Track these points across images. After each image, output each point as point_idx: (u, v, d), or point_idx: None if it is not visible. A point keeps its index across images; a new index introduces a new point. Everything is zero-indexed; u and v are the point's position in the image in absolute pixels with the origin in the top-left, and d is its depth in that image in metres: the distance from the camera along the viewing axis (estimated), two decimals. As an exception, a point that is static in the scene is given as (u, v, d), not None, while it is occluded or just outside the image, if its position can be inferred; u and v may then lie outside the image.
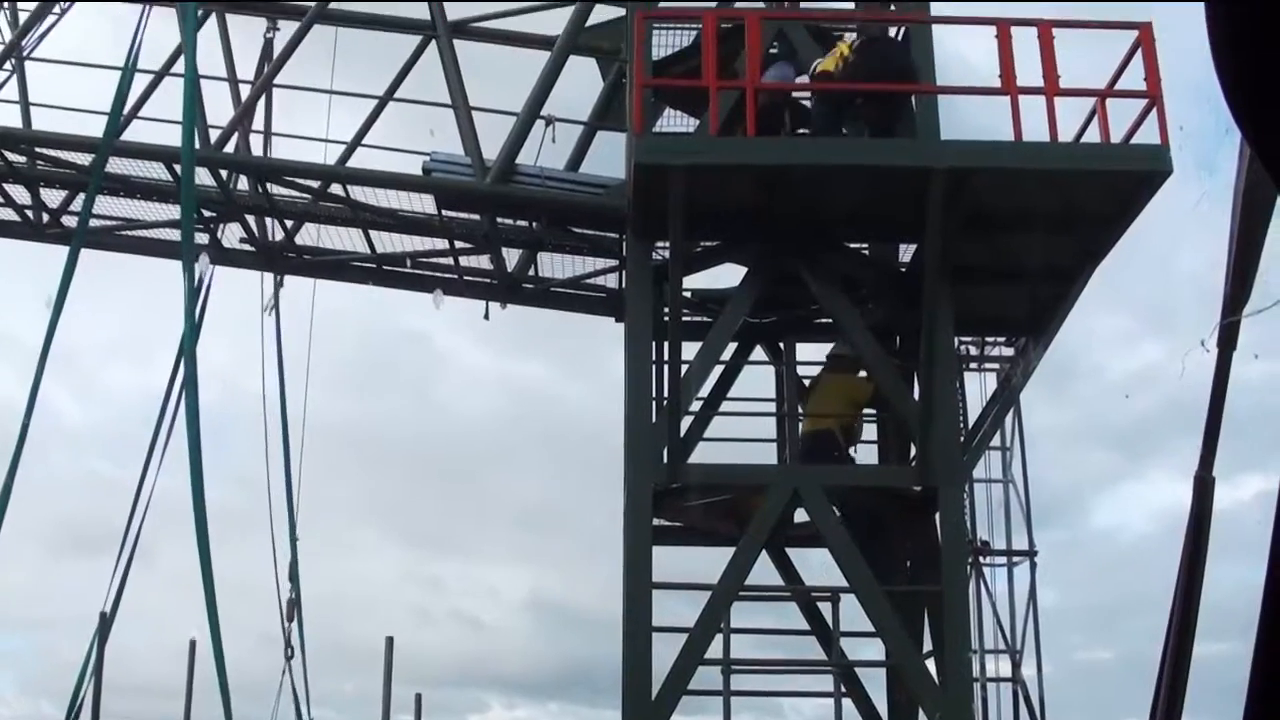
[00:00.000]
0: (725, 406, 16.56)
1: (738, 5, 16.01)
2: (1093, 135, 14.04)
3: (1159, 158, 13.41)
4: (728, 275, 15.94)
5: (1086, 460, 43.53)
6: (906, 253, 15.82)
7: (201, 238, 18.08)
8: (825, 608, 14.77)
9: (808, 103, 15.83)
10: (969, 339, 18.74)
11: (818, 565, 15.76)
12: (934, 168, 13.38)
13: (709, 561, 15.04)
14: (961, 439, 15.71)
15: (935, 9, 15.64)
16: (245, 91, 17.94)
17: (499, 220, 16.87)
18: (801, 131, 15.55)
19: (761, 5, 17.09)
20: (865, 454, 16.09)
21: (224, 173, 17.26)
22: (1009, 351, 18.39)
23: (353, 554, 45.05)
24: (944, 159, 13.55)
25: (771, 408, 16.87)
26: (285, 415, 20.33)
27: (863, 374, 15.52)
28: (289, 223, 18.20)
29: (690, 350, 14.43)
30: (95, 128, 16.67)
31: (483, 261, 18.00)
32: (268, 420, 20.22)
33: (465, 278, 18.09)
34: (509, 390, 50.15)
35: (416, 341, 47.14)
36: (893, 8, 15.73)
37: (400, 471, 48.96)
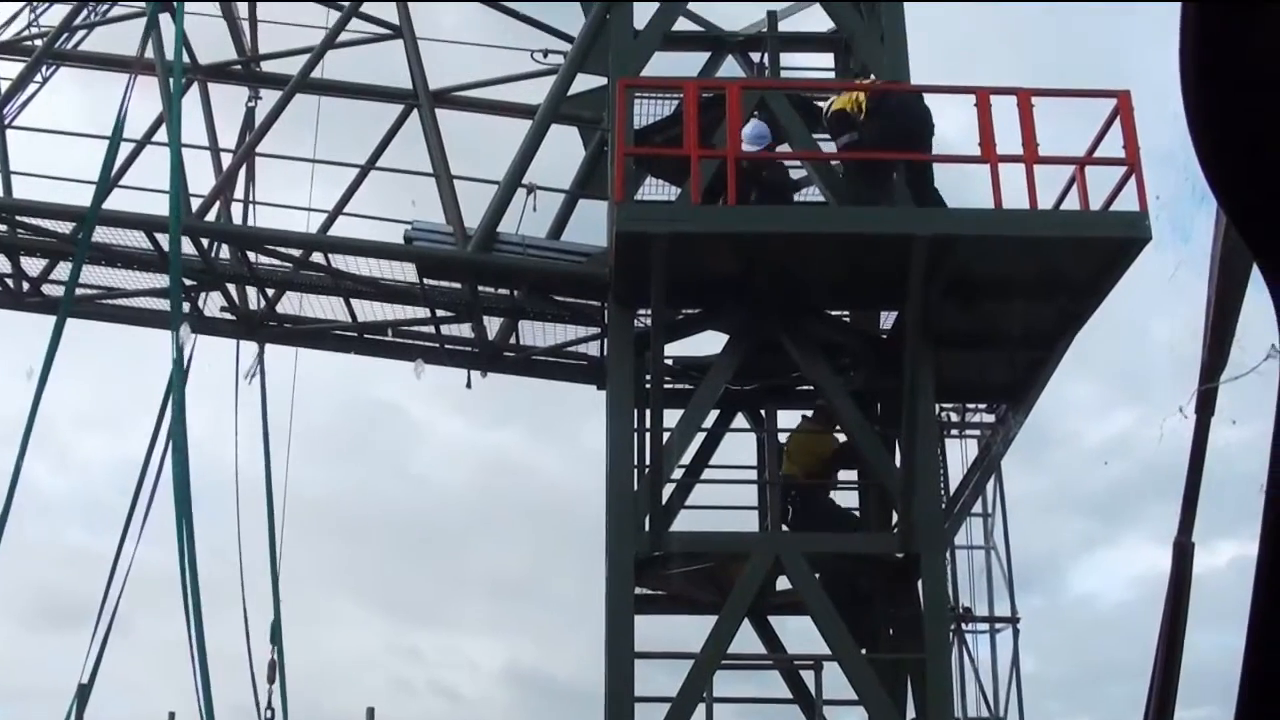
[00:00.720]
0: (707, 474, 16.57)
1: (718, 76, 16.08)
2: (1072, 202, 14.13)
3: (1138, 224, 13.48)
4: (709, 342, 15.98)
5: (1063, 527, 43.59)
6: (888, 320, 15.86)
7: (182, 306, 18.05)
8: (808, 675, 14.73)
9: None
10: (950, 405, 18.75)
11: (799, 633, 15.73)
12: (915, 235, 13.43)
13: (691, 630, 15.00)
14: (943, 505, 15.72)
15: (914, 78, 15.72)
16: (227, 160, 17.99)
17: (480, 288, 16.88)
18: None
19: (741, 75, 17.22)
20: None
21: (205, 241, 17.25)
22: (990, 418, 18.40)
23: (331, 624, 44.78)
24: (926, 226, 13.61)
25: (753, 475, 16.86)
26: (270, 482, 20.21)
27: (839, 434, 15.56)
28: (270, 291, 18.18)
29: (672, 418, 14.44)
30: (74, 196, 16.68)
31: (464, 330, 17.99)
32: (240, 485, 20.11)
33: (446, 346, 18.08)
34: (485, 459, 50.10)
35: (391, 411, 47.11)
36: (873, 76, 15.82)
37: (378, 541, 48.78)
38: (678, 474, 15.28)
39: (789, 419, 16.71)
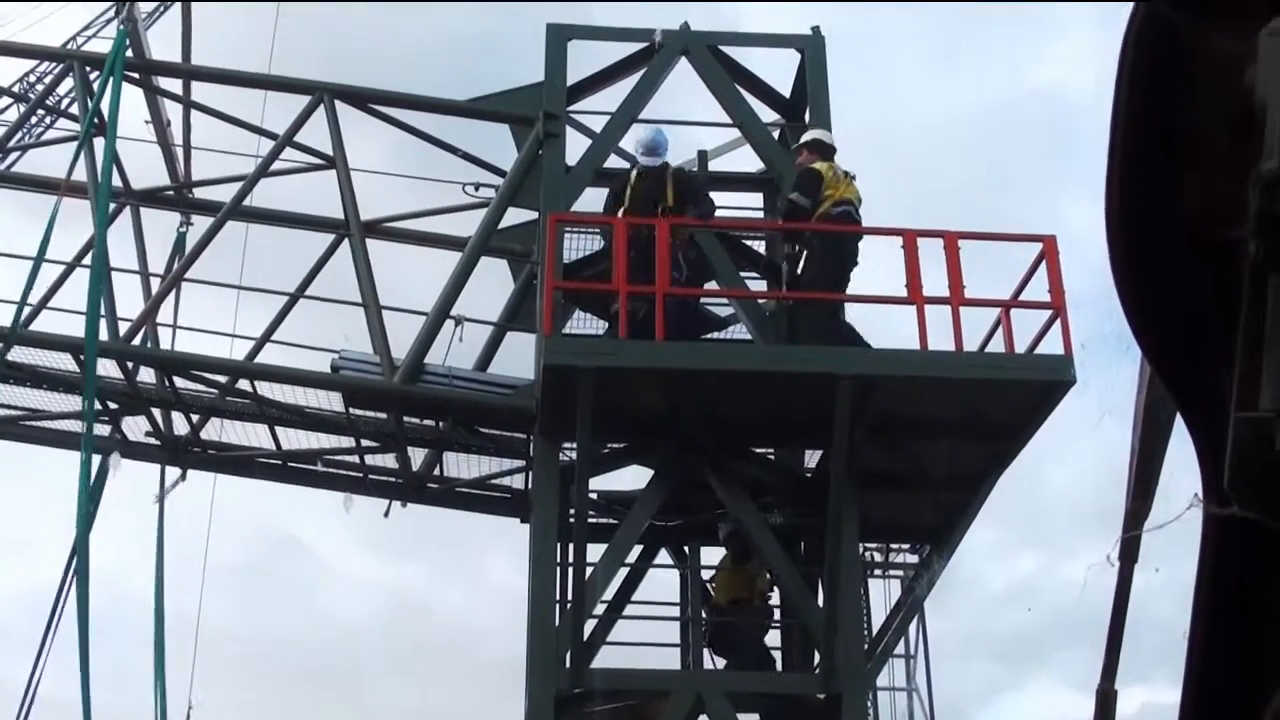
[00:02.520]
0: (630, 610, 16.48)
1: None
2: (998, 344, 14.27)
3: (1062, 368, 13.63)
4: (635, 477, 15.97)
5: (970, 672, 43.56)
6: (812, 458, 15.91)
7: (103, 430, 17.90)
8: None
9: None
10: (874, 545, 18.76)
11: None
12: (840, 375, 13.51)
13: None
14: (866, 646, 15.68)
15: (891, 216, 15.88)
16: (155, 284, 17.93)
17: (406, 419, 16.82)
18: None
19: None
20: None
21: (130, 364, 17.14)
22: (913, 559, 18.42)
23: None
24: (850, 366, 13.70)
25: (676, 611, 16.80)
26: (160, 612, 19.70)
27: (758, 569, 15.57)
28: (195, 417, 18.04)
29: (595, 552, 14.38)
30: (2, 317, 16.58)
31: (388, 460, 17.91)
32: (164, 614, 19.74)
33: (370, 476, 17.98)
34: (390, 594, 49.63)
35: (296, 543, 46.71)
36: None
37: (282, 677, 48.05)
38: (600, 609, 15.20)
39: (713, 555, 16.71)
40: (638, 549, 15.95)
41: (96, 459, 16.91)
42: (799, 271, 15.47)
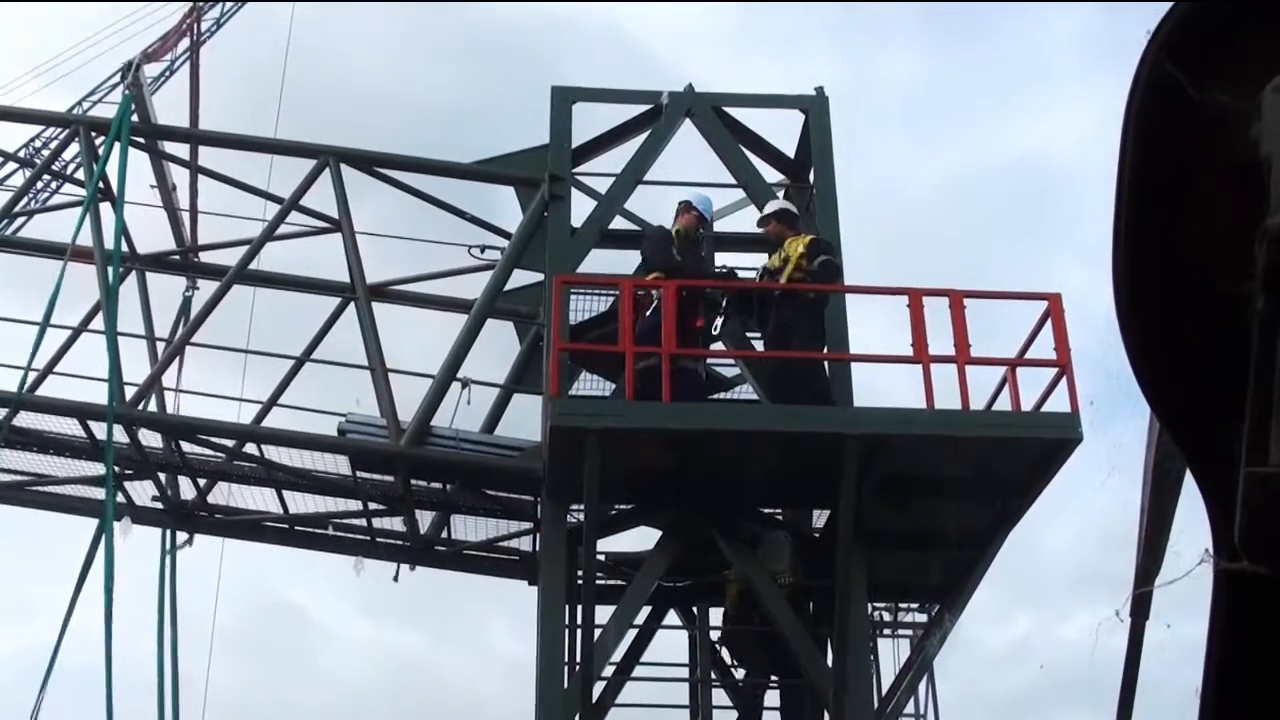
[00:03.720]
0: (639, 671, 16.40)
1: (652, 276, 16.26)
2: (1004, 402, 14.27)
3: (1069, 425, 13.62)
4: (643, 538, 15.93)
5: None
6: (820, 517, 15.88)
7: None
8: None
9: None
10: (882, 604, 18.71)
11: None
12: (847, 434, 13.51)
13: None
14: (875, 706, 15.60)
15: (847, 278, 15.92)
16: (161, 349, 17.96)
17: (413, 482, 16.80)
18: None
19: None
20: None
21: (136, 429, 17.14)
22: (923, 618, 18.36)
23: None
24: (857, 426, 13.70)
25: (685, 673, 16.72)
26: (162, 676, 19.55)
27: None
28: (202, 481, 18.03)
29: (604, 614, 14.34)
30: (8, 382, 16.60)
31: (395, 523, 17.87)
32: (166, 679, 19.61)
33: (378, 539, 17.94)
34: (389, 658, 49.43)
35: (295, 610, 46.53)
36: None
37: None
38: (609, 671, 15.14)
39: (721, 617, 16.63)
40: (646, 610, 15.89)
41: (94, 524, 16.94)
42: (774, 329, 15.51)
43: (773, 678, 15.98)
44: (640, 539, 16.02)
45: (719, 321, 15.80)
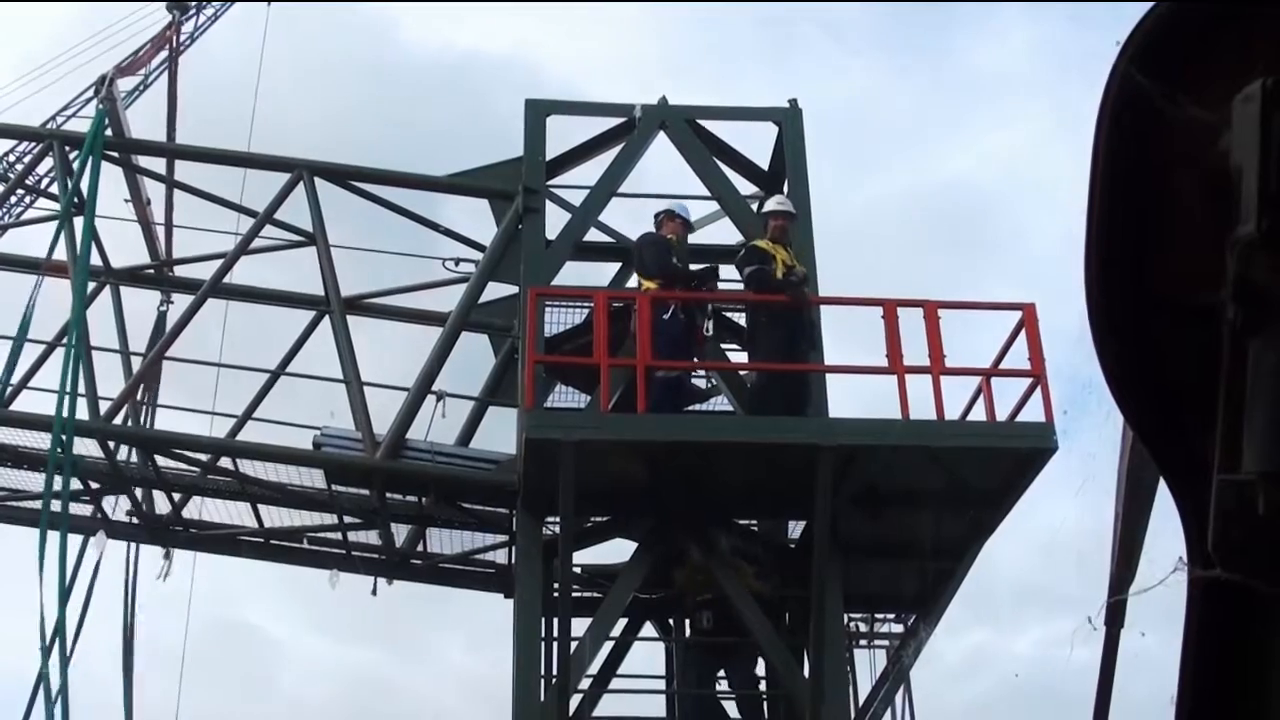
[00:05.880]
0: (615, 684, 16.38)
1: (629, 286, 16.27)
2: (979, 413, 14.31)
3: (1043, 435, 13.67)
4: (618, 550, 15.93)
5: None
6: (796, 528, 15.89)
7: (84, 509, 17.83)
8: None
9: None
10: (859, 615, 18.73)
11: None
12: (822, 445, 13.52)
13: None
14: (852, 716, 15.60)
15: (823, 289, 15.95)
16: (136, 363, 17.91)
17: (388, 495, 16.77)
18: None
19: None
20: None
21: (111, 444, 17.08)
22: (899, 628, 18.39)
23: None
24: (832, 437, 13.71)
25: (662, 685, 16.70)
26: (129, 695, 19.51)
27: None
28: (176, 495, 17.97)
29: (580, 626, 14.33)
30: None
31: (371, 537, 17.84)
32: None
33: (353, 553, 17.91)
34: (348, 676, 49.24)
35: (246, 627, 46.32)
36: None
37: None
38: (585, 684, 15.12)
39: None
40: (622, 622, 15.87)
41: (76, 540, 16.87)
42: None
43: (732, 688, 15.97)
44: (616, 551, 16.03)
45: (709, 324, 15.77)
